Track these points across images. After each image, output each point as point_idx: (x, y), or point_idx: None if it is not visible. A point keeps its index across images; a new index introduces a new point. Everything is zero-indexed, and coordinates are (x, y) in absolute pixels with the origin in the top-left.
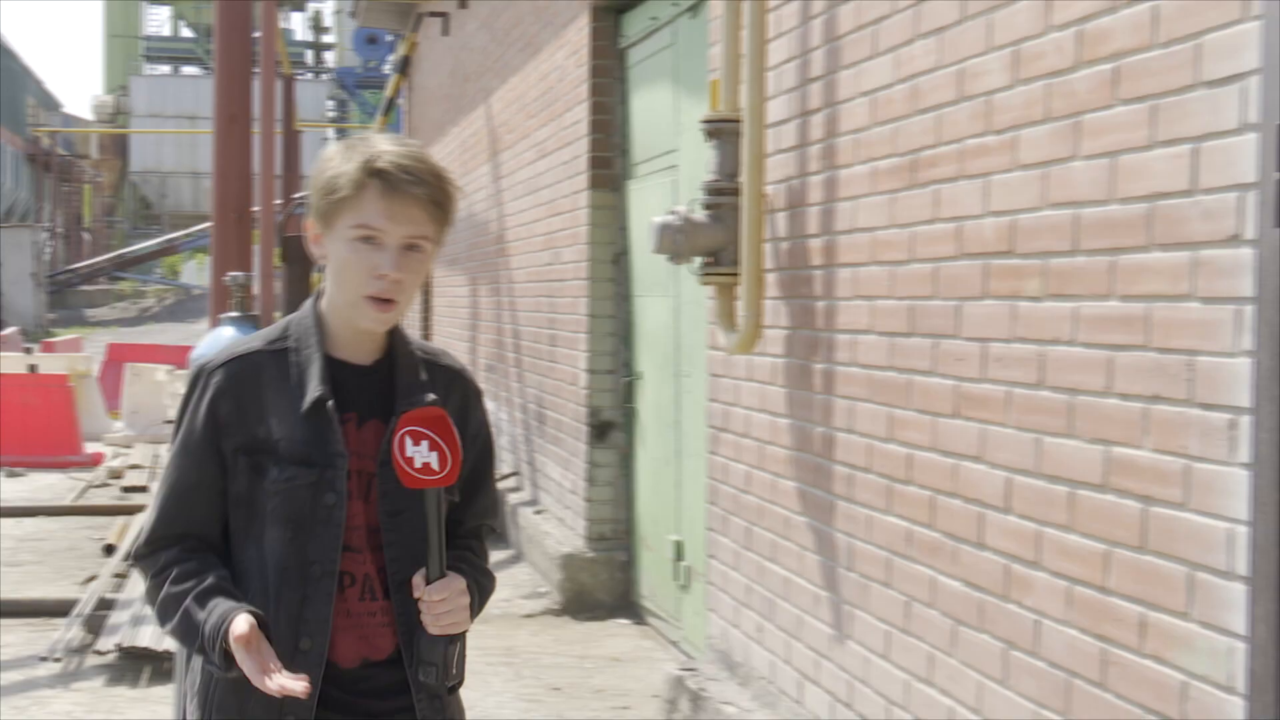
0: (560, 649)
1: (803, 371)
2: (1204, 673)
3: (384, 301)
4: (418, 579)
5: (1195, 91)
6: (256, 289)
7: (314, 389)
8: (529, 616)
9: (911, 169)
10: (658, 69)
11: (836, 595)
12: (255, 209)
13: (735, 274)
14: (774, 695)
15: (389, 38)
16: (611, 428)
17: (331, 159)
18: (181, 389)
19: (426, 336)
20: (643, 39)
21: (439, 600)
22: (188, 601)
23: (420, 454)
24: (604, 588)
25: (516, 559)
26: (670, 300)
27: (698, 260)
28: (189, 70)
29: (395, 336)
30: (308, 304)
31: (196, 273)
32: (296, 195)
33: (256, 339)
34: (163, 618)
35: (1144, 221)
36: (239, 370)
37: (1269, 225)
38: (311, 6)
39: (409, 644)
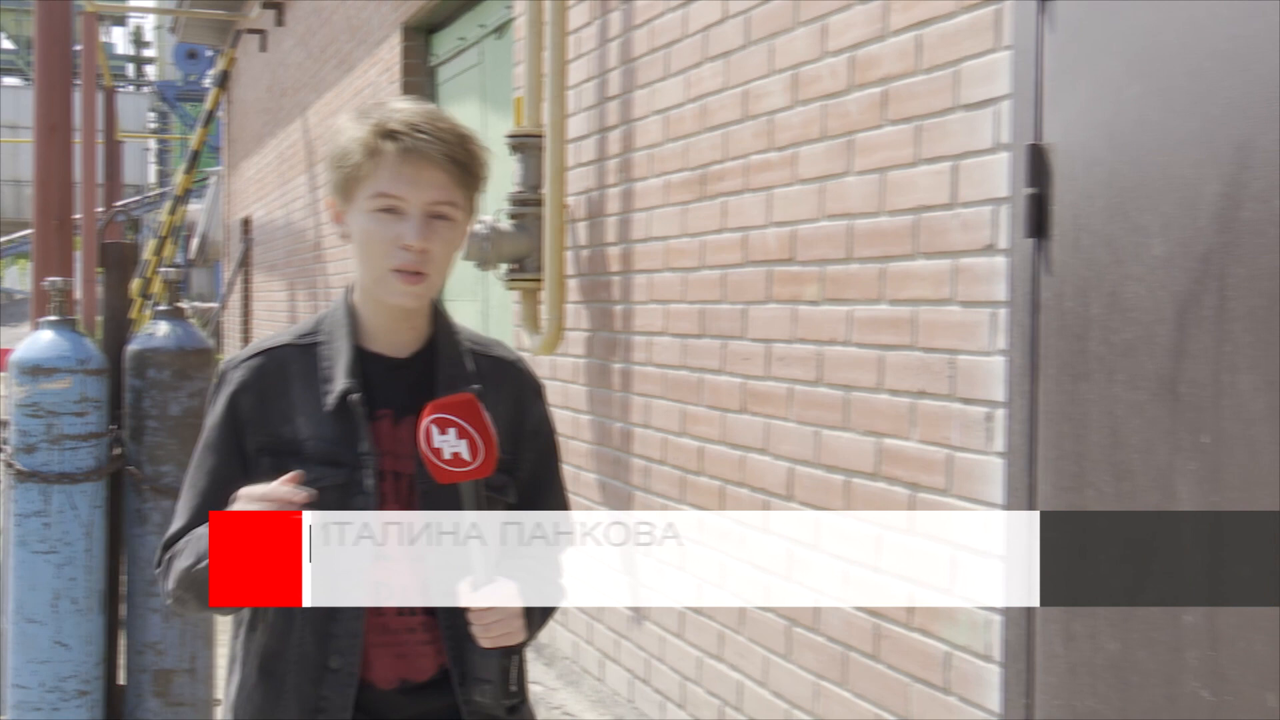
0: None
1: (602, 371)
2: (965, 643)
3: (412, 274)
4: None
5: (955, 114)
6: (77, 294)
7: (340, 383)
8: None
9: (701, 182)
10: (466, 86)
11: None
12: (77, 216)
13: (539, 280)
14: (577, 674)
15: (208, 53)
16: None
17: (344, 127)
18: (2, 391)
19: (247, 339)
20: (452, 58)
21: (487, 609)
22: (195, 541)
23: (449, 443)
24: None
25: None
26: (479, 304)
27: (504, 267)
28: (10, 81)
29: (439, 325)
30: (341, 295)
31: (18, 278)
32: (118, 203)
33: (286, 334)
34: (177, 572)
35: (910, 232)
36: (262, 365)
37: (1020, 236)
38: (132, 21)
39: (458, 661)
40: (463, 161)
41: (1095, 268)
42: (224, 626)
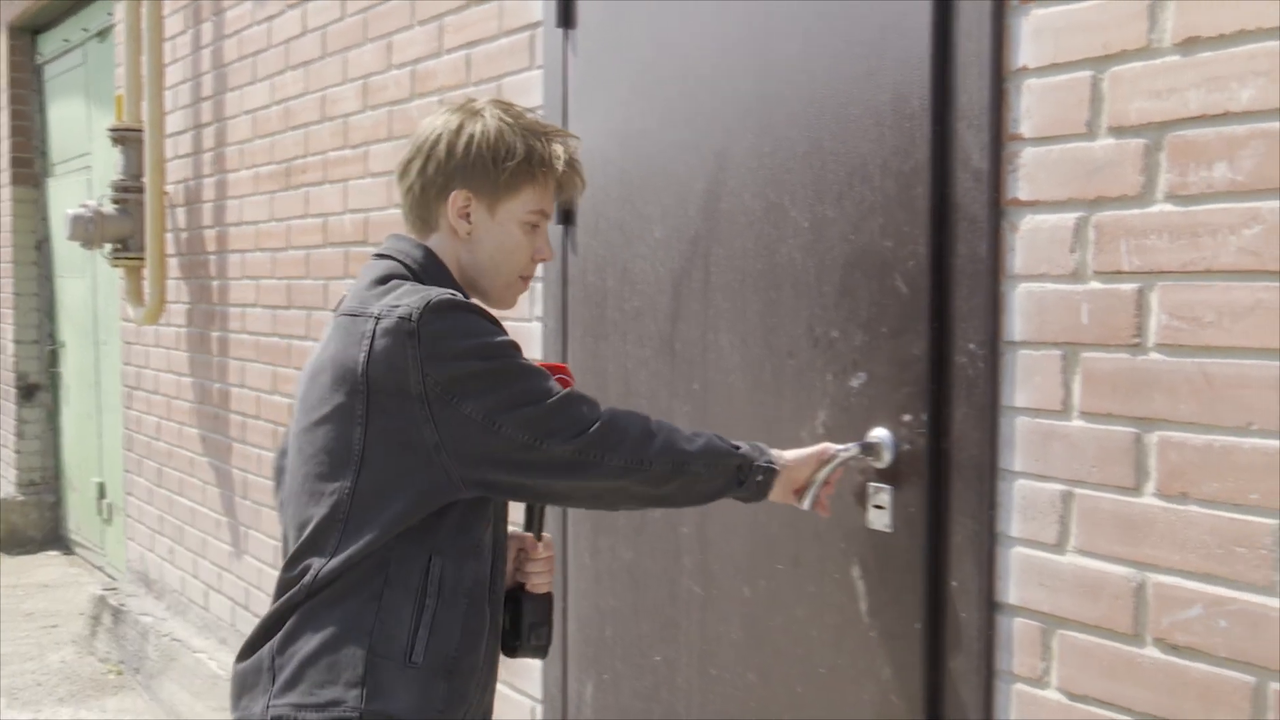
0: None
1: (202, 339)
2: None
3: (528, 280)
4: (530, 536)
5: None
6: None
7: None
8: None
9: (286, 175)
10: (71, 83)
11: (234, 520)
12: None
13: (141, 258)
14: (185, 604)
15: None
16: (38, 389)
17: (502, 132)
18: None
19: None
20: (57, 57)
21: (549, 555)
22: (708, 435)
23: None
24: (34, 525)
25: None
26: (88, 280)
27: (109, 246)
28: None
29: None
30: (436, 274)
31: None
32: None
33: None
34: (677, 451)
35: None
36: None
37: (553, 223)
38: None
39: (497, 611)
40: None
41: (611, 248)
42: None
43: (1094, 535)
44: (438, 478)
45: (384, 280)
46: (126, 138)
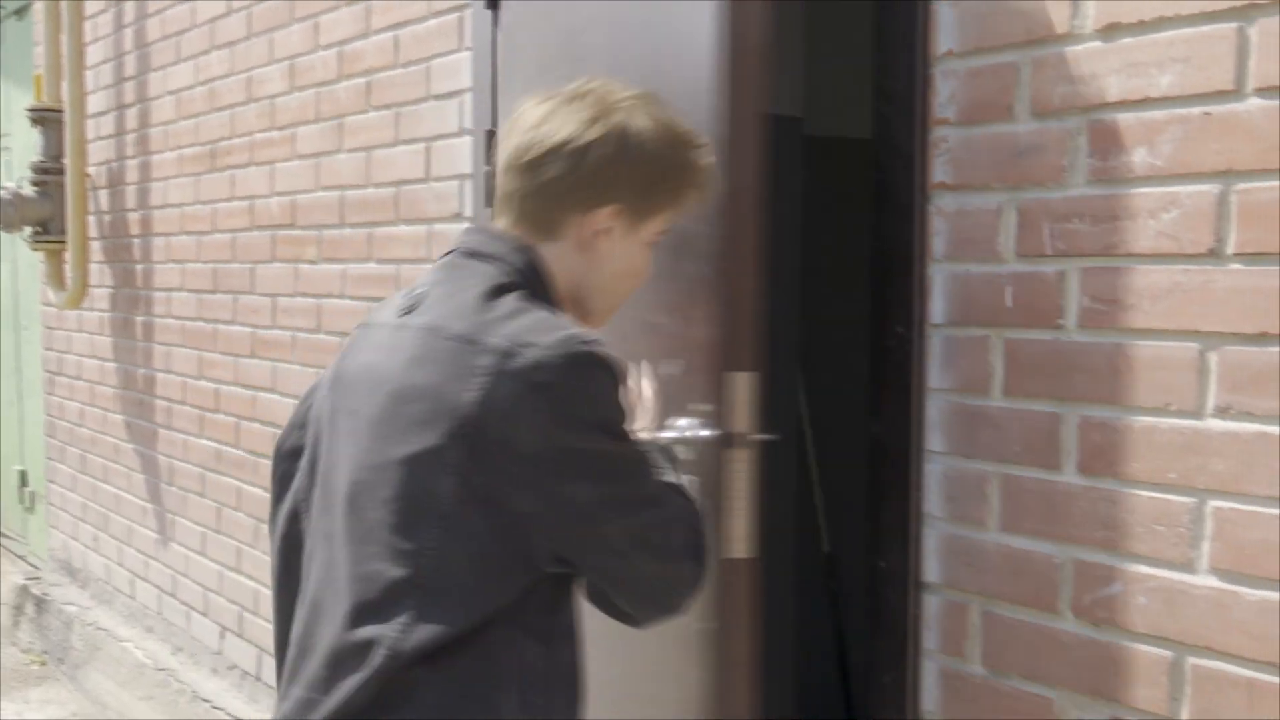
0: None
1: (126, 323)
2: None
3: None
4: None
5: (427, 103)
6: None
7: None
8: None
9: (211, 156)
10: None
11: (160, 506)
12: None
13: (63, 242)
14: (110, 593)
15: None
16: None
17: (666, 141)
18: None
19: None
20: None
21: None
22: (666, 481)
23: None
24: None
25: None
26: (8, 264)
27: (29, 230)
28: None
29: None
30: (533, 288)
31: None
32: None
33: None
34: (684, 512)
35: (393, 202)
36: None
37: (480, 205)
38: None
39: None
40: None
41: None
42: None
43: (1017, 514)
44: (525, 548)
45: (494, 294)
46: (46, 118)
